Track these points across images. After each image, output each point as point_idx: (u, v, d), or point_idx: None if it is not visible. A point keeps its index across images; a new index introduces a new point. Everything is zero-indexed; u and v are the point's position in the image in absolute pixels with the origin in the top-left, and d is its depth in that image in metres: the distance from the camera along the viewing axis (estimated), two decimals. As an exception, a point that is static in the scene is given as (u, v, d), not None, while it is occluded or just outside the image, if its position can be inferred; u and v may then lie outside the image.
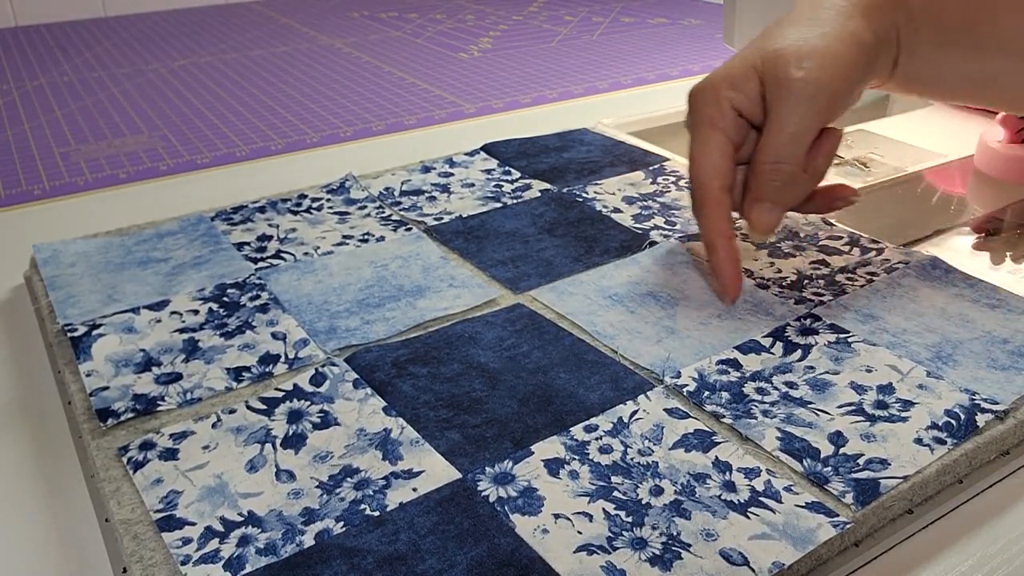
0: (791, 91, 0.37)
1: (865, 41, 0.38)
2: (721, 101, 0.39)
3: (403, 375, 0.36)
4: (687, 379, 0.36)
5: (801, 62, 0.37)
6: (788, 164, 0.39)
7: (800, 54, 0.37)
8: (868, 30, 0.38)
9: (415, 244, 0.48)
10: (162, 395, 0.35)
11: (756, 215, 0.40)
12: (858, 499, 0.29)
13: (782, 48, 0.38)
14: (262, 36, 1.08)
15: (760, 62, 0.38)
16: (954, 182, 0.62)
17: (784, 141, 0.38)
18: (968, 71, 0.40)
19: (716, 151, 0.39)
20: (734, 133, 0.40)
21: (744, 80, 0.39)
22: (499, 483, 0.30)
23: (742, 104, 0.39)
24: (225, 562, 0.27)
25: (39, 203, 0.59)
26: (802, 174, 0.39)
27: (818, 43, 0.37)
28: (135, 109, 0.80)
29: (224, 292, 0.43)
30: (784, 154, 0.38)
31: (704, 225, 0.40)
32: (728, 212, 0.40)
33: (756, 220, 0.40)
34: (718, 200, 0.40)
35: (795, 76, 0.37)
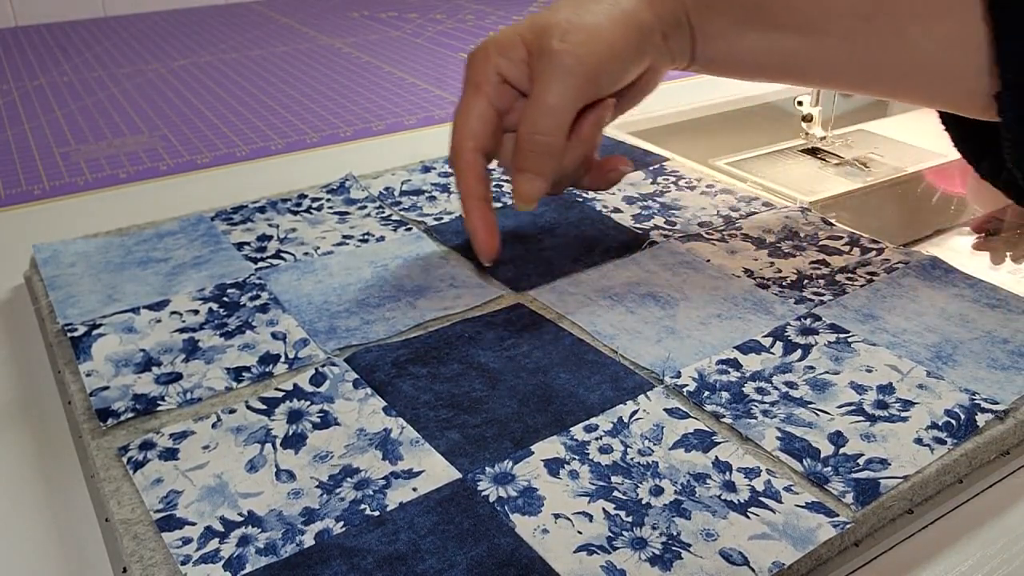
0: (551, 62, 0.38)
1: (640, 21, 0.39)
2: (488, 66, 0.40)
3: (403, 375, 0.36)
4: (687, 379, 0.36)
5: (565, 35, 0.38)
6: (546, 135, 0.39)
7: (564, 28, 0.38)
8: (647, 11, 0.39)
9: (415, 244, 0.48)
10: (162, 395, 0.35)
11: (518, 184, 0.40)
12: (858, 499, 0.29)
13: (551, 21, 0.39)
14: (262, 36, 1.08)
15: (529, 32, 0.39)
16: (954, 182, 0.62)
17: (542, 112, 0.38)
18: (768, 50, 0.40)
19: (474, 114, 0.40)
20: (497, 99, 0.40)
21: (512, 47, 0.39)
22: (499, 483, 0.30)
23: (508, 71, 0.40)
24: (225, 562, 0.27)
25: (39, 203, 0.59)
26: (562, 146, 0.39)
27: (587, 19, 0.38)
28: (135, 109, 0.80)
29: (224, 292, 0.43)
30: (542, 125, 0.39)
31: (458, 187, 0.41)
32: (480, 174, 0.41)
33: (517, 189, 0.40)
34: (469, 162, 0.40)
35: (555, 48, 0.38)
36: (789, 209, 0.52)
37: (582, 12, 0.39)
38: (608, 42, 0.38)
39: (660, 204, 0.53)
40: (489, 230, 0.41)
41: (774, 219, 0.51)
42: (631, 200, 0.53)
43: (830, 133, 0.67)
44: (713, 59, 0.42)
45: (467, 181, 0.40)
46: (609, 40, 0.38)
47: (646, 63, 0.41)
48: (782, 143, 0.69)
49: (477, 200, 0.40)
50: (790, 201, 0.54)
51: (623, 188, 0.55)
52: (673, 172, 0.58)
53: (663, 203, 0.53)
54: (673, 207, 0.52)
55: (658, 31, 0.40)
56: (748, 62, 0.41)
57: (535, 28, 0.39)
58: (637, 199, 0.53)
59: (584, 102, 0.39)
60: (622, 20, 0.39)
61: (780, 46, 0.40)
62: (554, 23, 0.38)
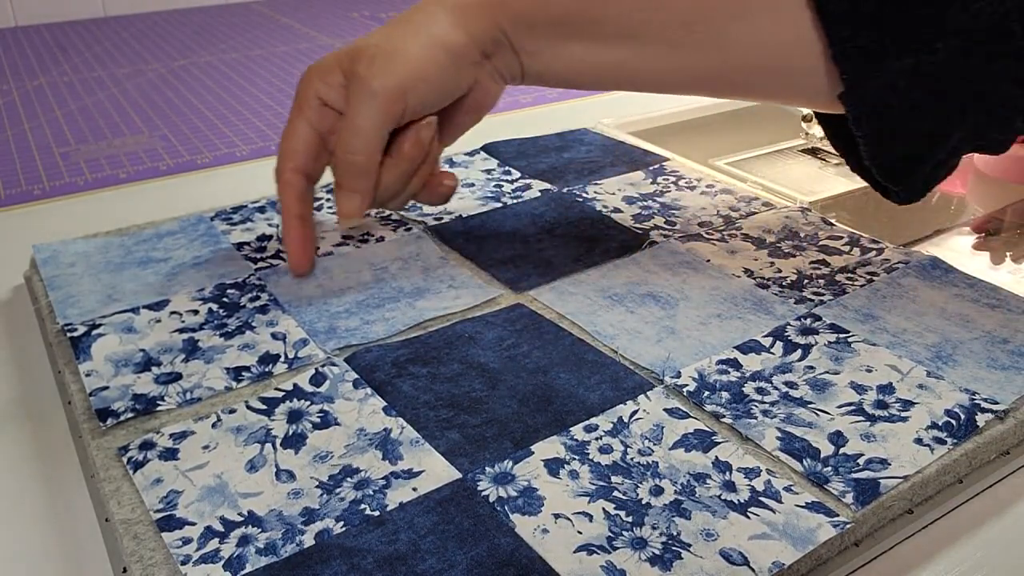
0: (358, 87, 0.40)
1: (450, 44, 0.40)
2: (310, 91, 0.42)
3: (403, 375, 0.36)
4: (687, 379, 0.36)
5: (371, 61, 0.40)
6: (356, 155, 0.41)
7: (371, 53, 0.40)
8: (459, 33, 0.40)
9: (415, 244, 0.48)
10: (162, 395, 0.35)
11: (337, 201, 0.42)
12: (858, 499, 0.29)
13: (362, 47, 0.41)
14: (262, 36, 1.08)
15: (345, 58, 0.41)
16: (954, 182, 0.62)
17: (352, 133, 0.40)
18: (596, 62, 0.41)
19: (295, 136, 0.42)
20: (318, 121, 0.42)
21: (330, 72, 0.41)
22: (499, 483, 0.30)
23: (327, 95, 0.42)
24: (225, 562, 0.27)
25: (39, 203, 0.59)
26: (373, 164, 0.41)
27: (396, 44, 0.40)
28: (135, 109, 0.80)
29: (224, 292, 0.43)
30: (352, 145, 0.41)
31: (281, 198, 0.43)
32: (299, 194, 0.43)
33: (337, 206, 0.42)
34: (288, 182, 0.42)
35: (361, 73, 0.40)
36: (789, 209, 0.52)
37: (392, 38, 0.41)
38: (413, 66, 0.40)
39: (660, 204, 0.53)
40: (301, 246, 0.43)
41: (774, 219, 0.51)
42: (631, 200, 0.53)
43: (830, 133, 0.67)
44: (543, 73, 0.43)
45: (285, 200, 0.43)
46: (414, 64, 0.40)
47: (465, 83, 0.42)
48: (782, 143, 0.69)
49: (293, 218, 0.43)
50: (790, 201, 0.54)
51: (623, 188, 0.55)
52: (673, 172, 0.58)
53: (663, 203, 0.53)
54: (673, 207, 0.52)
55: (474, 52, 0.41)
56: (579, 74, 0.42)
57: (350, 54, 0.41)
58: (637, 199, 0.53)
59: (394, 123, 0.41)
60: (429, 44, 0.40)
61: (608, 57, 0.41)
62: (364, 49, 0.41)
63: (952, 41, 0.35)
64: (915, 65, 0.36)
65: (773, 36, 0.38)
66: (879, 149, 0.38)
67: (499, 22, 0.41)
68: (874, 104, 0.36)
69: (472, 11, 0.41)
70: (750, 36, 0.38)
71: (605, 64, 0.41)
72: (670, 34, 0.39)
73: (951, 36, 0.35)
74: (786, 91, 0.41)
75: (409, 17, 0.41)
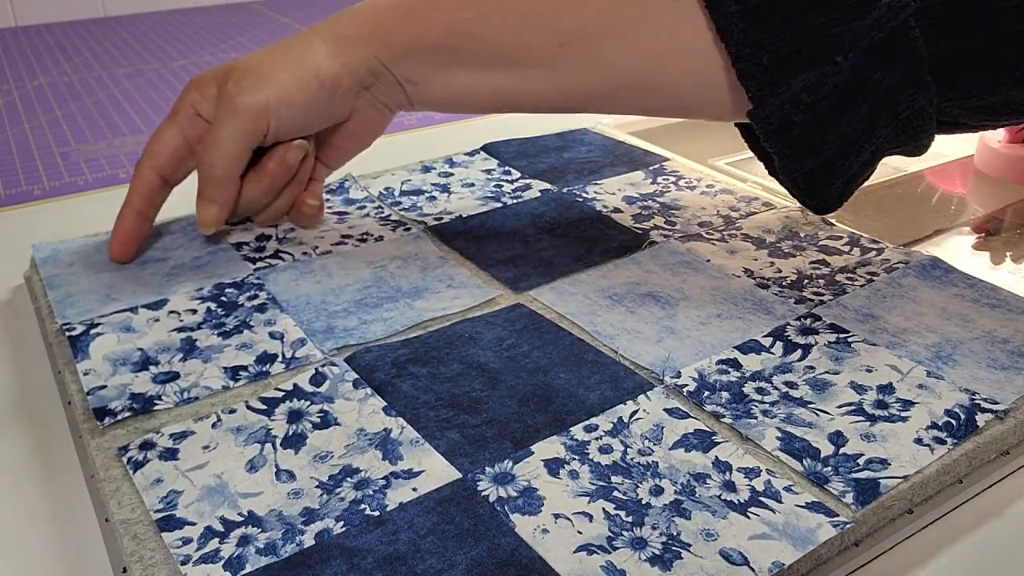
0: (224, 104, 0.42)
1: (324, 74, 0.42)
2: (187, 99, 0.44)
3: (403, 375, 0.36)
4: (687, 379, 0.36)
5: (240, 80, 0.42)
6: (215, 167, 0.43)
7: (242, 72, 0.42)
8: (334, 64, 0.42)
9: (414, 244, 0.48)
10: (159, 394, 0.35)
11: (197, 209, 0.44)
12: (858, 499, 0.29)
13: (240, 64, 0.43)
14: (262, 36, 1.08)
15: (223, 73, 0.43)
16: (954, 182, 0.62)
17: (213, 146, 0.42)
18: (481, 88, 0.42)
19: (162, 138, 0.44)
20: (188, 128, 0.44)
21: (207, 85, 0.44)
22: (499, 483, 0.30)
23: (201, 105, 0.44)
24: (225, 562, 0.27)
25: (39, 203, 0.59)
26: (230, 177, 0.43)
27: (269, 67, 0.42)
28: (135, 109, 0.80)
29: (222, 292, 0.43)
30: (212, 157, 0.43)
31: (130, 187, 0.45)
32: (146, 191, 0.45)
33: (197, 213, 0.44)
34: (142, 176, 0.45)
35: (229, 90, 0.42)
36: (789, 209, 0.52)
37: (267, 61, 0.42)
38: (280, 89, 0.42)
39: (660, 204, 0.53)
40: (126, 236, 0.45)
41: (774, 219, 0.51)
42: (631, 200, 0.53)
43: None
44: (430, 101, 0.44)
45: (132, 192, 0.45)
46: (282, 88, 0.42)
47: (341, 111, 0.44)
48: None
49: (133, 210, 0.45)
50: (790, 201, 0.54)
51: (623, 188, 0.55)
52: (673, 172, 0.58)
53: (663, 203, 0.53)
54: (673, 207, 0.52)
55: (350, 82, 0.42)
56: (464, 100, 0.43)
57: (226, 71, 0.43)
58: (637, 199, 0.53)
59: (256, 140, 0.43)
60: (301, 71, 0.42)
61: (490, 82, 0.42)
62: (238, 67, 0.42)
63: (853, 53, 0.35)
64: (818, 77, 0.35)
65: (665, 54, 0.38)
66: (790, 164, 0.38)
67: (377, 53, 0.42)
68: (780, 120, 0.36)
69: (349, 43, 0.42)
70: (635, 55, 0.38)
71: (488, 89, 0.42)
72: (548, 55, 0.40)
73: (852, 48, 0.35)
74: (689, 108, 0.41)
75: (289, 43, 0.43)
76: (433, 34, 0.41)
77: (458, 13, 0.40)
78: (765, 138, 0.37)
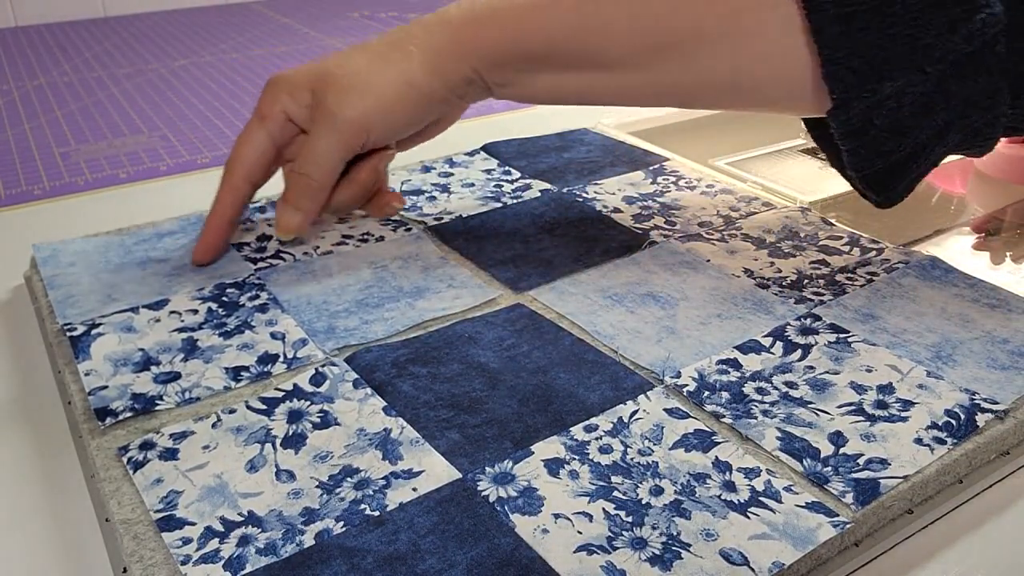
0: (325, 118, 0.42)
1: (427, 92, 0.42)
2: (276, 103, 0.43)
3: (403, 375, 0.36)
4: (687, 379, 0.36)
5: (342, 96, 0.41)
6: (311, 178, 0.43)
7: (345, 88, 0.42)
8: (435, 82, 0.42)
9: (415, 244, 0.48)
10: (160, 394, 0.35)
11: (280, 214, 0.44)
12: (858, 499, 0.29)
13: (336, 75, 0.42)
14: (262, 36, 1.08)
15: (318, 81, 0.42)
16: (954, 182, 0.62)
17: (311, 157, 0.42)
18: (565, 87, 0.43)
19: (254, 145, 0.44)
20: (278, 134, 0.44)
21: (300, 91, 0.43)
22: (499, 483, 0.30)
23: (293, 111, 0.43)
24: (225, 562, 0.27)
25: (39, 203, 0.59)
26: (325, 188, 0.44)
27: (369, 77, 0.42)
28: (135, 109, 0.80)
29: (223, 292, 0.43)
30: (309, 168, 0.43)
31: (217, 199, 0.45)
32: (237, 200, 0.45)
33: (279, 219, 0.44)
34: (234, 186, 0.44)
35: (330, 104, 0.41)
36: (789, 209, 0.52)
37: (366, 73, 0.42)
38: (381, 103, 0.42)
39: (660, 204, 0.53)
40: (214, 245, 0.45)
41: (774, 219, 0.51)
42: (631, 200, 0.53)
43: (830, 133, 0.67)
44: (514, 97, 0.45)
45: (224, 203, 0.45)
46: (383, 101, 0.42)
47: (433, 117, 0.45)
48: (782, 143, 0.69)
49: (221, 218, 0.45)
50: (790, 201, 0.54)
51: (623, 188, 0.55)
52: (673, 172, 0.58)
53: (663, 203, 0.53)
54: (673, 207, 0.52)
55: (447, 94, 0.43)
56: (550, 97, 0.44)
57: (322, 76, 0.42)
58: (637, 199, 0.53)
59: (353, 153, 0.43)
60: (398, 86, 0.42)
61: (579, 82, 0.42)
62: (336, 76, 0.42)
63: (941, 65, 0.35)
64: (905, 86, 0.36)
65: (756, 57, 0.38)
66: (862, 162, 0.38)
67: (474, 64, 0.42)
68: (861, 122, 0.37)
69: (447, 57, 0.42)
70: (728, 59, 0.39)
71: (576, 88, 0.42)
72: (639, 60, 0.40)
73: (941, 60, 0.35)
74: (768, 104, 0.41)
75: (386, 52, 0.42)
76: (531, 43, 0.41)
77: (558, 21, 0.40)
78: (841, 137, 0.37)
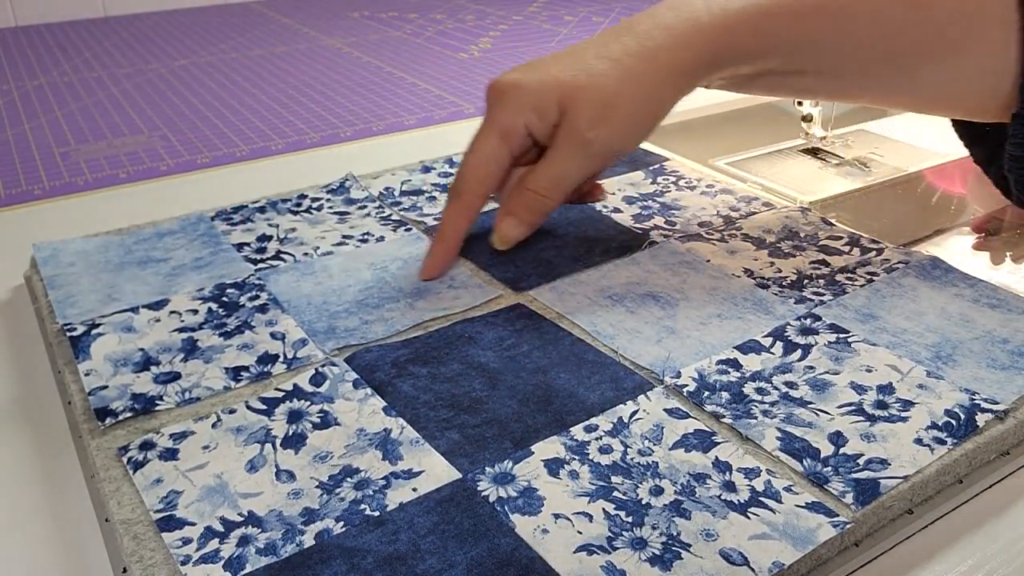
0: (576, 143, 0.40)
1: (668, 102, 0.41)
2: (519, 119, 0.41)
3: (403, 375, 0.36)
4: (687, 379, 0.36)
5: (597, 121, 0.40)
6: (549, 200, 0.42)
7: (597, 109, 0.40)
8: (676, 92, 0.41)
9: (415, 245, 0.48)
10: (160, 394, 0.35)
11: (502, 225, 0.43)
12: (858, 499, 0.29)
13: (586, 90, 0.40)
14: (262, 36, 1.08)
15: (567, 98, 0.40)
16: (954, 182, 0.62)
17: (550, 178, 0.41)
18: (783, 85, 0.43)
19: (494, 162, 0.42)
20: (518, 148, 0.42)
21: (546, 109, 0.40)
22: (499, 483, 0.30)
23: (536, 128, 0.41)
24: (225, 562, 0.27)
25: (39, 203, 0.59)
26: (556, 207, 0.43)
27: (621, 103, 0.40)
28: (135, 109, 0.80)
29: (223, 292, 0.43)
30: (549, 191, 0.42)
31: (448, 216, 0.43)
32: (473, 216, 0.43)
33: (500, 229, 0.43)
34: (470, 204, 0.43)
35: (583, 132, 0.40)
36: (789, 209, 0.52)
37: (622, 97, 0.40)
38: (630, 131, 0.41)
39: (660, 204, 0.53)
40: (444, 263, 0.44)
41: (774, 219, 0.51)
42: (631, 200, 0.53)
43: (830, 133, 0.67)
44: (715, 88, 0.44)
45: (460, 218, 0.43)
46: (632, 130, 0.41)
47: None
48: (782, 143, 0.69)
49: (457, 235, 0.43)
50: (790, 201, 0.54)
51: (623, 188, 0.55)
52: (673, 172, 0.58)
53: (663, 203, 0.53)
54: (673, 207, 0.52)
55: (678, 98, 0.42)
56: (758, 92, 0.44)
57: (573, 94, 0.40)
58: (637, 199, 0.53)
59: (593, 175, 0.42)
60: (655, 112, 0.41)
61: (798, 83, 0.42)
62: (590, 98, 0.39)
63: None
64: None
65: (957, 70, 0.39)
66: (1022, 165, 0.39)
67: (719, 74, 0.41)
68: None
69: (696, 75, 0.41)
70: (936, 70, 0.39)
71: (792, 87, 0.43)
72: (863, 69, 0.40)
73: None
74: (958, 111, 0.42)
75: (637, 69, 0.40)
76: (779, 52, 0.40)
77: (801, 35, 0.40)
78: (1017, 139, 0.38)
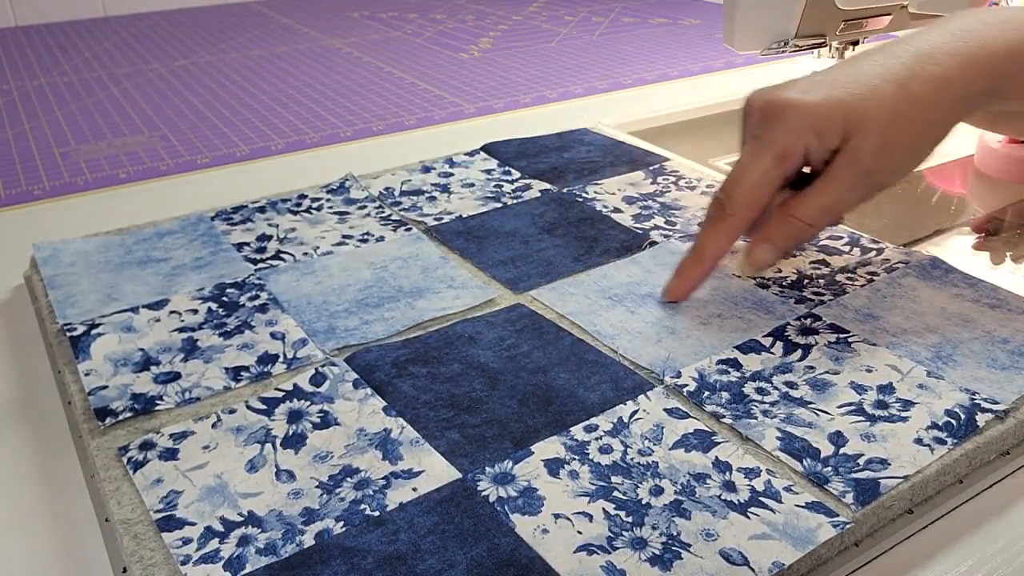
0: (858, 173, 0.38)
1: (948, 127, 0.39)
2: (799, 142, 0.38)
3: (403, 375, 0.36)
4: (687, 379, 0.36)
5: (884, 154, 0.37)
6: (815, 228, 0.40)
7: (886, 140, 0.37)
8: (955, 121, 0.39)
9: (415, 244, 0.48)
10: (160, 394, 0.35)
11: (756, 251, 0.40)
12: (858, 499, 0.29)
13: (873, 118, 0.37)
14: (262, 36, 1.08)
15: (851, 123, 0.37)
16: (954, 182, 0.62)
17: (822, 208, 0.39)
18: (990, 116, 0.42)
19: (767, 184, 0.39)
20: (792, 171, 0.39)
21: (829, 133, 0.38)
22: (499, 483, 0.30)
23: (814, 152, 0.38)
24: (225, 562, 0.27)
25: (39, 203, 0.59)
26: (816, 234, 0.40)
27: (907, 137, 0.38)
28: (135, 109, 0.80)
29: (223, 292, 0.43)
30: (818, 220, 0.39)
31: (708, 236, 0.40)
32: (736, 238, 0.40)
33: (754, 255, 0.40)
34: (735, 226, 0.40)
35: (868, 164, 0.38)
36: (789, 209, 0.52)
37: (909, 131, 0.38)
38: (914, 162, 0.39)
39: (660, 204, 0.53)
40: (694, 285, 0.42)
41: (774, 219, 0.50)
42: (631, 200, 0.53)
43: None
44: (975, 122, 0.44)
45: (722, 241, 0.40)
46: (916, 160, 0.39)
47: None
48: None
49: (716, 256, 0.40)
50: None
51: (623, 188, 0.55)
52: (673, 172, 0.58)
53: (663, 203, 0.53)
54: (673, 207, 0.52)
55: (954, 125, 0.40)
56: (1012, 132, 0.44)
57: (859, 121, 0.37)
58: (637, 199, 0.53)
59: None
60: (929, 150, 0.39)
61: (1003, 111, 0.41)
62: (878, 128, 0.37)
63: None
64: None
65: None
66: None
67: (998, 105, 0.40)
68: None
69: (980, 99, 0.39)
70: None
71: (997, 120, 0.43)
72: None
73: None
74: None
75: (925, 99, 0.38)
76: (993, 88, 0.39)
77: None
78: None
